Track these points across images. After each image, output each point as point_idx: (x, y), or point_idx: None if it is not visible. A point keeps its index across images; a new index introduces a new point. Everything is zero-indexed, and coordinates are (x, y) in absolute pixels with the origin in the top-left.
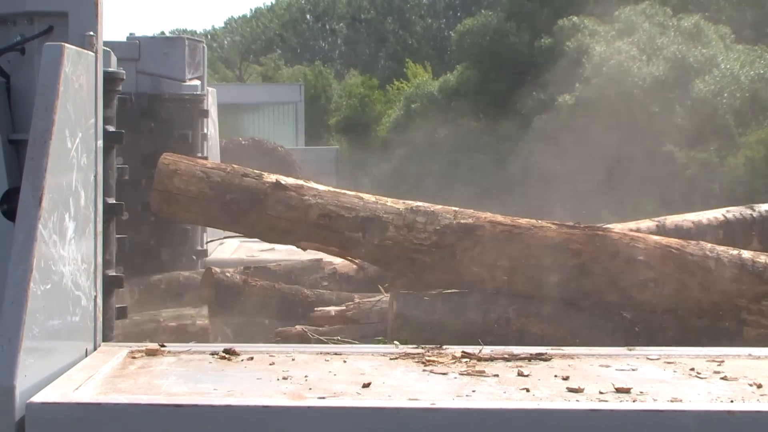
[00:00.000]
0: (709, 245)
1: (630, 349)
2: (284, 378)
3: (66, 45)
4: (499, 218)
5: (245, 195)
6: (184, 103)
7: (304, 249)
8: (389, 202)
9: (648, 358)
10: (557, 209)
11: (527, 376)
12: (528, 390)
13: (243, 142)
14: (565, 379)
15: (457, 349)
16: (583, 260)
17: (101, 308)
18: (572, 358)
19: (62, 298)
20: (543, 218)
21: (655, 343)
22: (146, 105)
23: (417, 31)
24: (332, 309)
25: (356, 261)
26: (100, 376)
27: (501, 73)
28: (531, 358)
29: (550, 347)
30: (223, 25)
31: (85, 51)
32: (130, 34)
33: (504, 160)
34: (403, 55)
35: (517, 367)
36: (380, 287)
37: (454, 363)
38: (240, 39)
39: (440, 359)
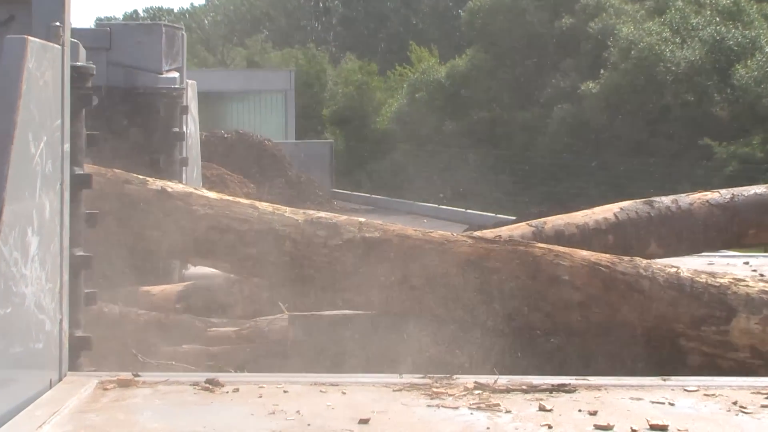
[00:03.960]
0: (644, 262)
1: (664, 379)
2: (274, 413)
3: (29, 38)
4: (410, 231)
5: (125, 205)
6: (160, 98)
7: (195, 265)
8: (287, 212)
9: (685, 390)
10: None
11: (549, 410)
12: (550, 427)
13: (225, 136)
14: (593, 414)
15: (469, 379)
16: (501, 279)
17: (67, 333)
18: (599, 390)
19: (24, 323)
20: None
21: (585, 372)
22: (119, 100)
23: (422, 10)
24: (227, 329)
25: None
26: (66, 412)
27: (517, 58)
28: (552, 389)
29: (573, 377)
30: (203, 2)
31: (51, 44)
32: (99, 18)
33: (521, 155)
34: (407, 37)
35: (537, 400)
36: (281, 305)
37: (466, 395)
38: (223, 18)
39: (450, 391)
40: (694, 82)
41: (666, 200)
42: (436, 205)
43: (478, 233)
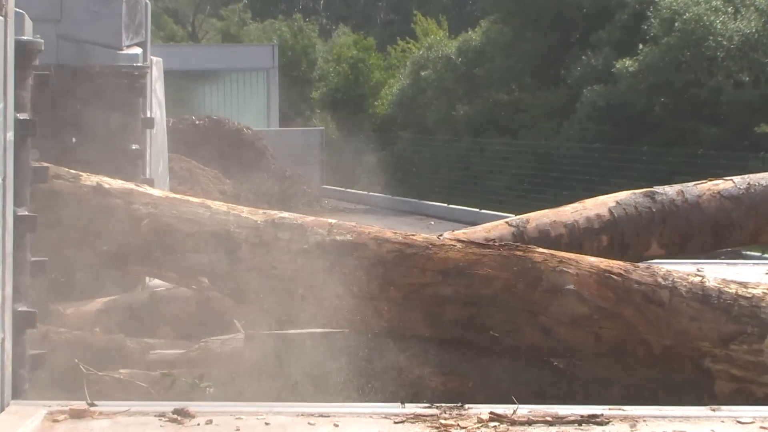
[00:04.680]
0: (662, 269)
1: (713, 410)
2: None
3: None
4: (388, 234)
5: (55, 204)
6: (120, 78)
7: (135, 275)
8: (245, 212)
9: (738, 422)
10: None
11: None
12: None
13: (197, 123)
14: None
15: (483, 410)
16: (495, 289)
17: (11, 355)
18: (637, 422)
19: None
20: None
21: (595, 401)
22: (70, 81)
23: None
24: (172, 351)
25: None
26: None
27: (540, 31)
28: (582, 421)
29: (606, 407)
30: None
31: None
32: None
33: (545, 145)
34: (410, 6)
35: None
36: (236, 322)
37: (480, 428)
38: None
39: (461, 423)
40: (749, 58)
41: (670, 191)
42: (446, 205)
43: (455, 234)
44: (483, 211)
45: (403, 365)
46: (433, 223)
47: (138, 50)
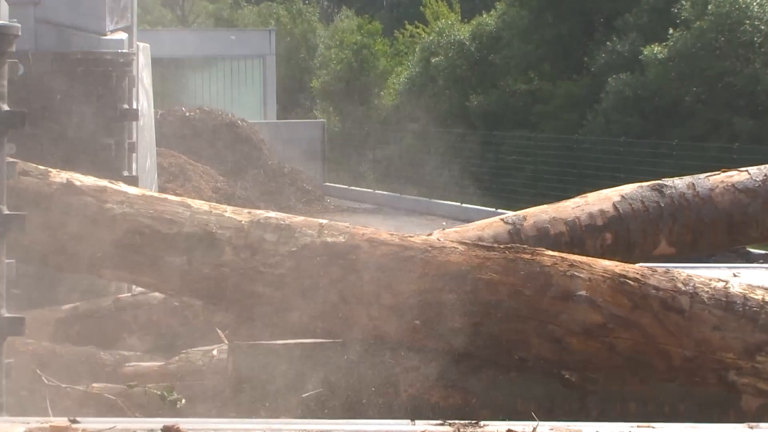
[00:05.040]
0: (683, 274)
1: (751, 427)
2: None
3: None
4: (384, 236)
5: (22, 203)
6: (103, 66)
7: (108, 280)
8: (228, 212)
9: None
10: None
11: None
12: None
13: (187, 115)
14: None
15: (501, 427)
16: (501, 296)
17: None
18: None
19: None
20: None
21: (610, 417)
22: (50, 69)
23: None
24: (150, 364)
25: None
26: None
27: (561, 14)
28: None
29: (634, 424)
30: None
31: None
32: None
33: (567, 138)
34: None
35: None
36: (219, 332)
37: None
38: None
39: None
40: None
41: (680, 184)
42: (459, 204)
43: (445, 233)
44: (499, 210)
45: (401, 378)
46: (445, 224)
47: (123, 35)
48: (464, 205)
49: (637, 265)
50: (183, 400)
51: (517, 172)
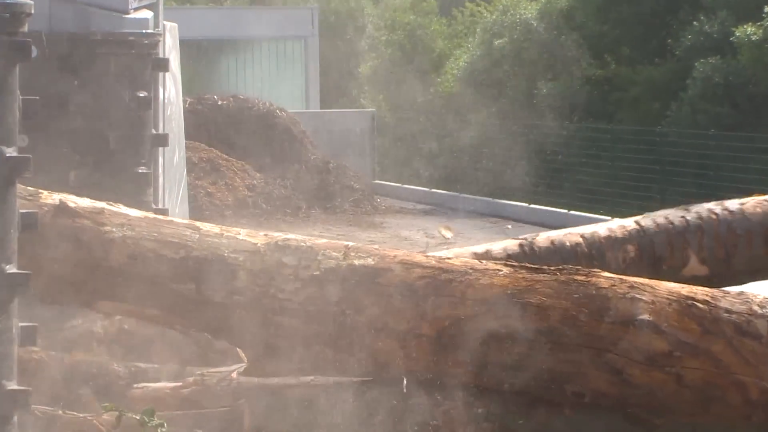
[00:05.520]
0: (759, 296)
1: None
2: None
3: None
4: (418, 258)
5: None
6: (126, 49)
7: (108, 315)
8: (242, 234)
9: None
10: None
11: None
12: None
13: (220, 103)
14: None
15: None
16: (552, 323)
17: None
18: None
19: None
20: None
21: None
22: (66, 52)
23: None
24: (161, 385)
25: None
26: None
27: None
28: None
29: None
30: None
31: None
32: None
33: (647, 131)
34: None
35: None
36: (240, 352)
37: None
38: None
39: None
40: None
41: (706, 204)
42: (526, 205)
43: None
44: (572, 212)
45: (441, 420)
46: (510, 227)
47: (148, 14)
48: (532, 206)
49: (704, 288)
50: (165, 426)
51: (592, 168)
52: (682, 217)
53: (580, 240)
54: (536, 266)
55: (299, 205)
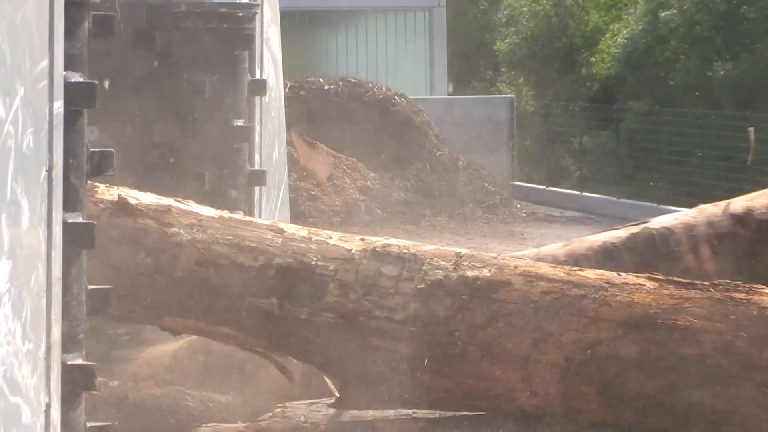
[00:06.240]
0: None
1: None
2: None
3: None
4: (544, 269)
5: None
6: (216, 22)
7: (174, 333)
8: (334, 239)
9: None
10: None
11: None
12: None
13: (326, 87)
14: None
15: None
16: (704, 349)
17: (59, 427)
18: None
19: None
20: None
21: None
22: (144, 25)
23: None
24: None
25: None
26: None
27: None
28: None
29: None
30: None
31: None
32: None
33: None
34: None
35: None
36: (328, 382)
37: None
38: None
39: None
40: None
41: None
42: None
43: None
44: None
45: None
46: None
47: None
48: None
49: None
50: None
51: None
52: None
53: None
54: (687, 281)
55: (422, 212)
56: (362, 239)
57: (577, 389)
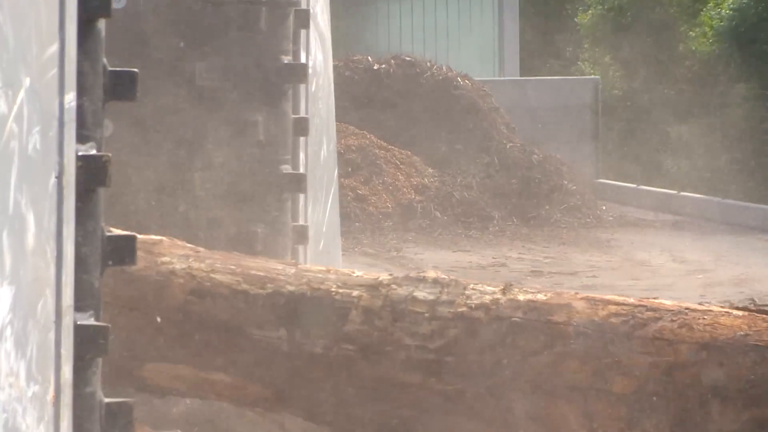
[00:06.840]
0: None
1: None
2: None
3: None
4: (611, 297)
5: None
6: (258, 3)
7: (158, 390)
8: (357, 272)
9: None
10: None
11: None
12: None
13: (376, 67)
14: None
15: None
16: None
17: None
18: None
19: None
20: None
21: None
22: (168, 2)
23: None
24: None
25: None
26: None
27: None
28: None
29: None
30: None
31: None
32: None
33: None
34: None
35: None
36: None
37: None
38: None
39: None
40: None
41: None
42: None
43: None
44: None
45: None
46: None
47: None
48: None
49: None
50: None
51: None
52: None
53: None
54: None
55: (490, 215)
56: (391, 275)
57: (649, 422)
